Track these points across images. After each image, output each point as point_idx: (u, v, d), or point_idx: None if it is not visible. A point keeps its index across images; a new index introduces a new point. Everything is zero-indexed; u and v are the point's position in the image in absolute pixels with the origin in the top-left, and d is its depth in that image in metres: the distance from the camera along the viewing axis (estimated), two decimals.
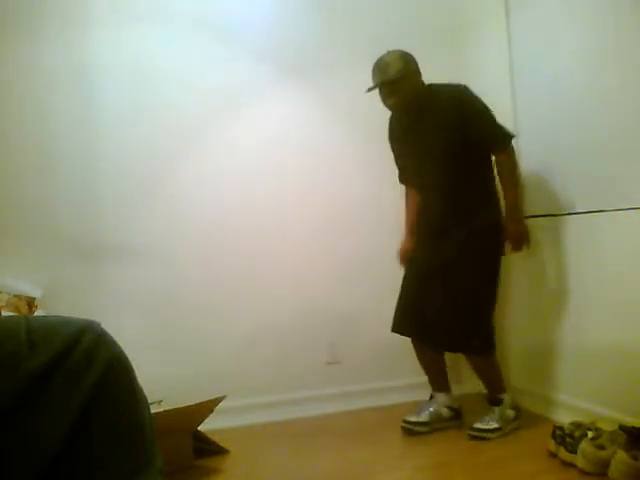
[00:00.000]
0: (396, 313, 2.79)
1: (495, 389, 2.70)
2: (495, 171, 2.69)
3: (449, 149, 2.63)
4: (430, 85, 2.69)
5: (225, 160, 3.01)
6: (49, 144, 2.80)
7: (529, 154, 2.88)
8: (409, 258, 2.82)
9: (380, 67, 2.61)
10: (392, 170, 2.84)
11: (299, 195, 3.10)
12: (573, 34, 2.58)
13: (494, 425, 2.55)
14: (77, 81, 2.83)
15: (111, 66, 2.87)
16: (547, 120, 2.75)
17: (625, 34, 2.31)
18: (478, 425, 2.57)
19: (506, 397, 2.66)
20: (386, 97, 2.65)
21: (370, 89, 2.63)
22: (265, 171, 3.06)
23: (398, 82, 2.59)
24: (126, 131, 2.89)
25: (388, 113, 2.83)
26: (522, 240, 2.70)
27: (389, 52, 2.63)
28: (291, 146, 3.10)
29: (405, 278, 2.81)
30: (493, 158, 2.69)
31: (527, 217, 2.88)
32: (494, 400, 2.65)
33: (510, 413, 2.62)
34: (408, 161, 2.82)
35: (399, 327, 2.78)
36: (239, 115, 3.05)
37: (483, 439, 2.52)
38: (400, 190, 2.90)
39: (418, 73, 2.66)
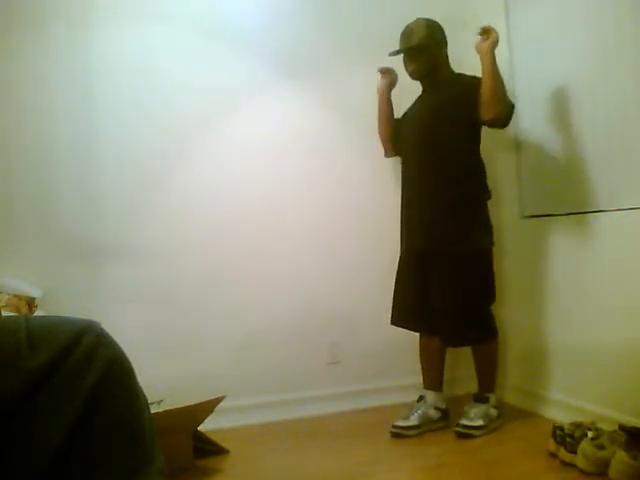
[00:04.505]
0: (394, 305, 2.78)
1: (486, 386, 2.72)
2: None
3: (450, 131, 2.63)
4: (459, 73, 2.74)
5: (224, 160, 3.01)
6: (49, 144, 2.79)
7: (529, 153, 2.88)
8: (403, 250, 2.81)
9: (405, 33, 2.68)
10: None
11: (298, 195, 3.09)
12: (573, 32, 2.57)
13: (479, 422, 2.57)
14: (77, 81, 2.82)
15: (111, 66, 2.87)
16: (547, 119, 2.75)
17: (625, 32, 2.30)
18: (464, 422, 2.58)
19: (492, 397, 2.69)
20: (407, 63, 2.71)
21: (392, 53, 2.69)
22: (264, 171, 3.06)
23: (420, 50, 2.65)
24: (126, 131, 2.88)
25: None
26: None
27: (417, 19, 2.70)
28: (290, 146, 3.09)
29: (399, 268, 2.80)
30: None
31: (527, 217, 2.89)
32: (481, 398, 2.67)
33: (493, 412, 2.65)
34: (406, 131, 2.81)
35: (400, 321, 2.77)
36: (238, 115, 3.05)
37: (470, 436, 2.54)
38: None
39: (443, 43, 2.71)
